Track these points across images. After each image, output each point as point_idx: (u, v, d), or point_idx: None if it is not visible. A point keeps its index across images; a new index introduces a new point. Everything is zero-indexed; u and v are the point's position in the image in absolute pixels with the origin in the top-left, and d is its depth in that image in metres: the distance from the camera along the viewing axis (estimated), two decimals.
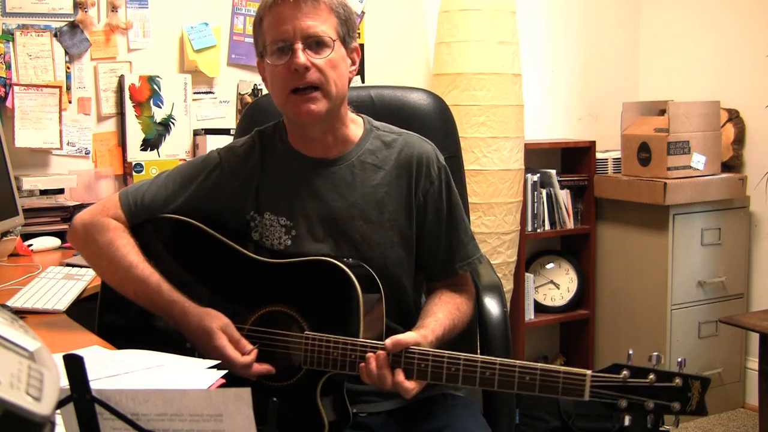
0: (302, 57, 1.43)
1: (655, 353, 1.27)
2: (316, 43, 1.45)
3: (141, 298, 1.50)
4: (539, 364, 1.31)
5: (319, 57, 1.45)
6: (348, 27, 1.50)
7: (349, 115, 1.58)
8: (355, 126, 1.58)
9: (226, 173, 1.57)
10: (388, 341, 1.36)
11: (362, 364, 1.37)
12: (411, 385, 1.36)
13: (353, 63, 1.54)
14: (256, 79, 3.15)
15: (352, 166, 1.54)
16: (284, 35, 1.45)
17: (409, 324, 1.52)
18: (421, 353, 1.36)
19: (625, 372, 1.25)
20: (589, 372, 1.27)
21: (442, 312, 1.51)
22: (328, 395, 1.43)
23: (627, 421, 1.26)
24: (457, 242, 1.58)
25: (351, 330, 1.40)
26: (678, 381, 1.25)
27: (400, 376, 1.35)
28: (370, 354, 1.36)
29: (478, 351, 1.81)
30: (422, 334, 1.41)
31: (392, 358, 1.37)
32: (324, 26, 1.45)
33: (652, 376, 1.25)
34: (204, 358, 1.44)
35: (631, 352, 1.29)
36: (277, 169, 1.56)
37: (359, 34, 1.57)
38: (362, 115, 1.62)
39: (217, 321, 1.43)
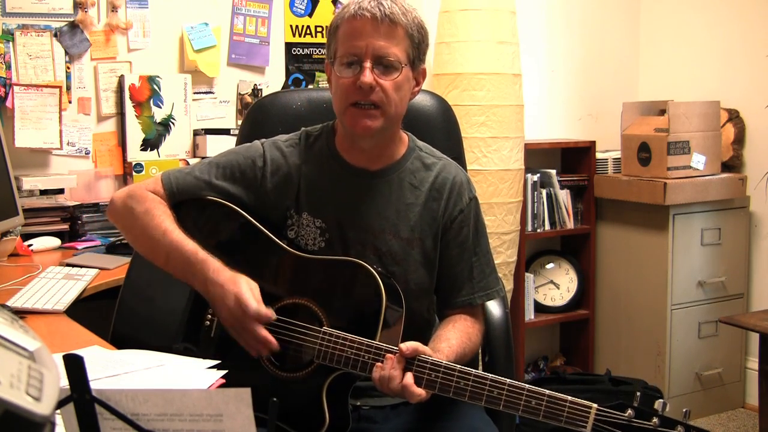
0: (369, 76, 1.46)
1: (661, 400, 1.28)
2: (385, 65, 1.48)
3: (173, 260, 1.50)
4: (547, 391, 1.31)
5: (386, 78, 1.48)
6: (420, 50, 1.53)
7: (399, 132, 1.62)
8: (401, 143, 1.62)
9: (269, 166, 1.59)
10: (404, 345, 1.37)
11: (378, 364, 1.37)
12: (419, 391, 1.36)
13: (417, 84, 1.58)
14: (256, 79, 3.16)
15: (391, 182, 1.58)
16: (356, 50, 1.47)
17: (418, 341, 1.53)
18: (433, 363, 1.37)
19: (630, 412, 1.26)
20: (594, 405, 1.28)
21: (456, 339, 1.52)
22: (333, 395, 1.44)
23: None
24: (479, 272, 1.60)
25: (368, 333, 1.41)
26: (680, 429, 1.25)
27: (410, 379, 1.35)
28: (389, 356, 1.37)
29: (480, 352, 1.81)
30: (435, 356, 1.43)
31: (405, 363, 1.37)
32: (396, 49, 1.48)
33: (655, 420, 1.25)
34: (219, 311, 1.44)
35: (638, 394, 1.30)
36: (319, 172, 1.59)
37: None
38: (408, 133, 1.65)
39: (247, 279, 1.45)
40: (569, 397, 1.29)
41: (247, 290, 1.42)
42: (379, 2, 1.47)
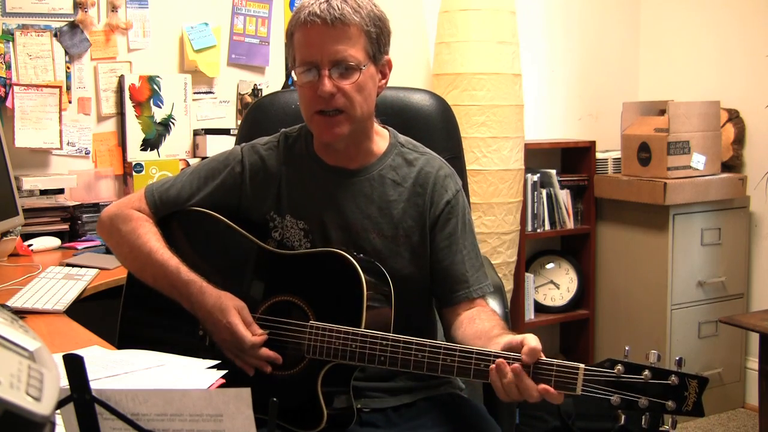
0: (328, 84, 1.44)
1: (654, 351, 1.24)
2: (344, 68, 1.45)
3: (159, 281, 1.52)
4: None
5: (347, 81, 1.45)
6: (380, 43, 1.49)
7: (375, 127, 1.59)
8: (380, 139, 1.59)
9: (247, 171, 1.59)
10: (525, 355, 1.27)
11: (492, 367, 1.29)
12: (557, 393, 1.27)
13: (384, 76, 1.55)
14: (256, 79, 3.16)
15: (372, 180, 1.56)
16: (312, 58, 1.45)
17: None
18: (418, 344, 1.35)
19: (619, 367, 1.23)
20: (582, 366, 1.24)
21: (498, 327, 1.45)
22: (331, 388, 1.44)
23: (622, 420, 1.24)
24: (470, 266, 1.57)
25: (353, 321, 1.41)
26: (674, 379, 1.21)
27: (544, 385, 1.26)
28: (515, 366, 1.26)
29: None
30: (523, 336, 1.31)
31: (401, 352, 1.36)
32: (353, 49, 1.44)
33: (647, 373, 1.22)
34: (214, 337, 1.46)
35: (627, 348, 1.27)
36: (299, 173, 1.58)
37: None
38: (389, 128, 1.63)
39: (233, 301, 1.45)
40: (556, 360, 1.26)
41: (238, 320, 1.42)
42: (329, 4, 1.43)
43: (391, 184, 1.56)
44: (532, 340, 1.28)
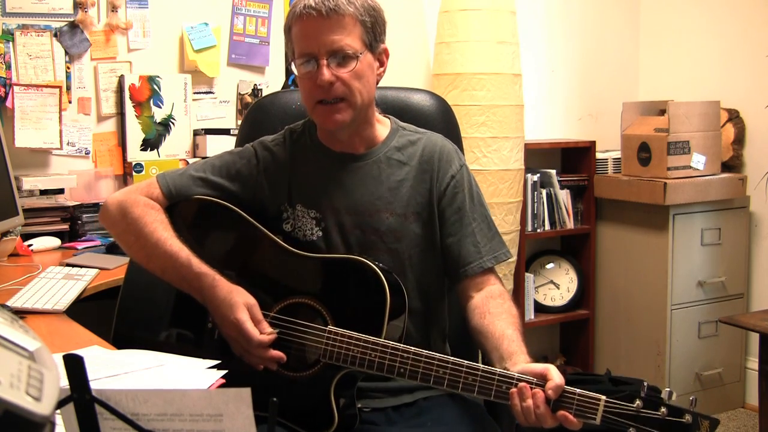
0: (326, 73, 1.47)
1: (668, 389, 1.30)
2: (341, 57, 1.48)
3: (168, 272, 1.50)
4: None
5: (345, 70, 1.48)
6: (375, 32, 1.53)
7: (376, 115, 1.62)
8: (382, 126, 1.63)
9: (261, 165, 1.61)
10: (551, 391, 1.29)
11: (513, 390, 1.31)
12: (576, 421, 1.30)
13: (381, 64, 1.58)
14: (256, 79, 3.16)
15: (378, 162, 1.59)
16: (309, 49, 1.48)
17: (427, 316, 1.56)
18: (440, 360, 1.36)
19: (638, 402, 1.27)
20: (603, 397, 1.28)
21: (510, 328, 1.46)
22: (342, 392, 1.44)
23: None
24: (482, 237, 1.59)
25: (373, 331, 1.41)
26: (688, 418, 1.27)
27: (563, 413, 1.29)
28: (537, 391, 1.30)
29: (478, 350, 1.81)
30: (545, 366, 1.34)
31: (422, 366, 1.36)
32: (349, 38, 1.48)
33: (664, 410, 1.27)
34: (222, 332, 1.46)
35: (645, 383, 1.31)
36: (307, 164, 1.61)
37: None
38: (389, 116, 1.66)
39: (243, 297, 1.45)
40: (578, 390, 1.29)
41: (246, 316, 1.42)
42: None
43: (398, 165, 1.59)
44: (556, 376, 1.30)
